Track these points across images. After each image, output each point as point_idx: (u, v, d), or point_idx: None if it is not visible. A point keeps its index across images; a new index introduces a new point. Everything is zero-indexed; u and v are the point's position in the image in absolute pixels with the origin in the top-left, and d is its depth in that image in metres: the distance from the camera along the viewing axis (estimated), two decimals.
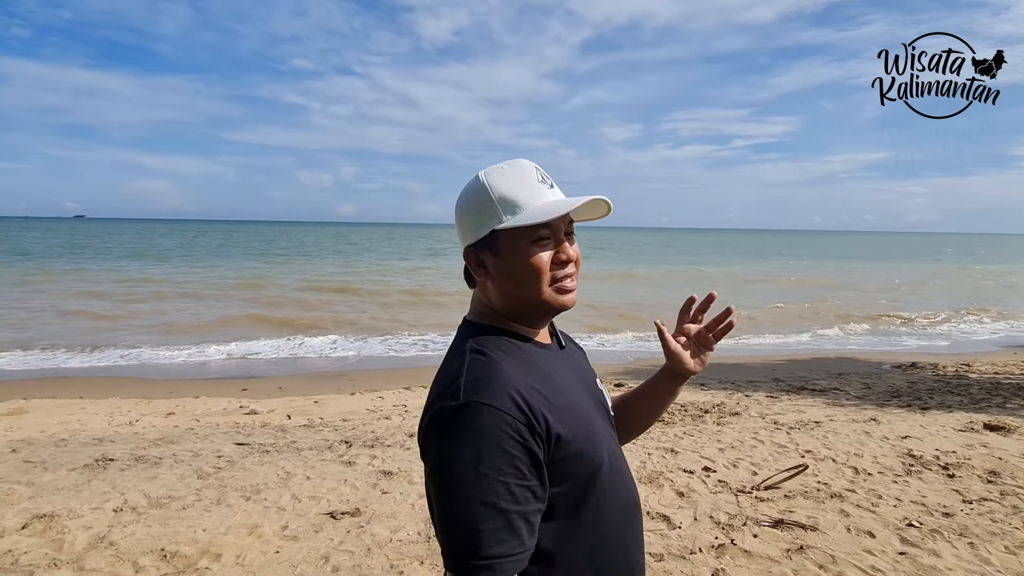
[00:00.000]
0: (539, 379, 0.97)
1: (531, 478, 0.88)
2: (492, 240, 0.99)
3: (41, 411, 6.57)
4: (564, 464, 0.93)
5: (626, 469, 1.09)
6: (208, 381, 8.72)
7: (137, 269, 27.45)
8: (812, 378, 8.60)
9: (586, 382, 1.11)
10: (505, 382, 0.91)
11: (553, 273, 1.00)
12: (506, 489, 0.85)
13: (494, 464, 0.85)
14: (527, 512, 0.87)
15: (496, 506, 0.84)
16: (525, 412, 0.89)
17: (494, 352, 0.97)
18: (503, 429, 0.87)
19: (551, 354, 1.07)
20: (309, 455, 4.75)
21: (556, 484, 0.93)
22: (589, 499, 0.97)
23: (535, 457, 0.89)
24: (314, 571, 2.98)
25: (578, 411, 0.99)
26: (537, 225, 0.96)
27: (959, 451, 4.77)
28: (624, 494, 1.04)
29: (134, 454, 4.76)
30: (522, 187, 0.99)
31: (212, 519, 3.55)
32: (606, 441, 1.02)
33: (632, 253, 53.95)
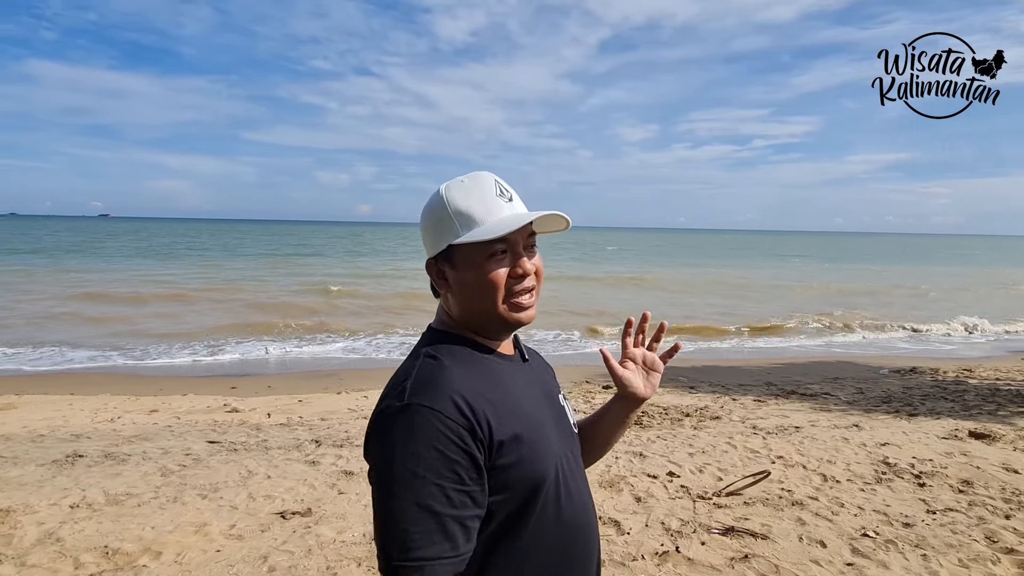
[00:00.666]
0: (491, 387, 0.97)
1: (470, 483, 0.88)
2: (450, 253, 1.00)
3: (30, 407, 6.69)
4: (505, 472, 0.93)
5: (582, 488, 1.07)
6: (198, 379, 8.81)
7: (143, 267, 27.89)
8: (806, 382, 8.46)
9: (546, 395, 1.11)
10: (450, 387, 0.91)
11: (509, 288, 1.00)
12: (442, 492, 0.85)
13: (431, 466, 0.85)
14: (463, 517, 0.87)
15: (431, 508, 0.84)
16: (467, 417, 0.89)
17: (446, 358, 0.98)
18: (443, 432, 0.87)
19: (511, 365, 1.07)
20: (276, 454, 4.77)
21: (496, 492, 0.93)
22: (530, 511, 0.96)
23: (475, 461, 0.88)
24: (250, 571, 2.98)
25: (529, 421, 0.98)
26: (492, 240, 0.97)
27: (936, 459, 4.66)
28: (573, 513, 1.02)
29: (105, 451, 4.81)
30: (479, 201, 0.99)
31: (163, 517, 3.57)
32: (556, 455, 1.01)
33: (643, 254, 53.65)
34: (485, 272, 0.98)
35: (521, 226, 0.97)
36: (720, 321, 14.83)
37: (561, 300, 18.05)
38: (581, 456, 1.17)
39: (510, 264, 1.00)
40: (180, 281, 22.27)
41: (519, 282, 1.00)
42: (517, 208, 1.02)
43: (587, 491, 1.10)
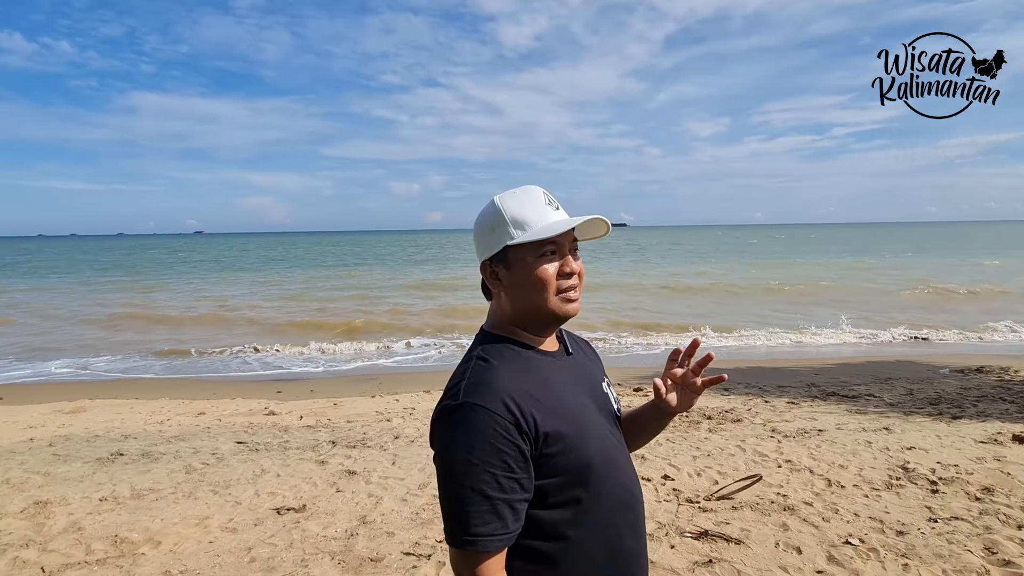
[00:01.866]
0: (534, 383, 1.10)
1: (518, 471, 1.02)
2: (504, 255, 1.14)
3: (98, 410, 7.37)
4: (554, 459, 1.06)
5: (626, 466, 1.21)
6: (251, 383, 9.39)
7: (217, 278, 29.77)
8: (852, 383, 8.02)
9: (589, 385, 1.24)
10: (499, 387, 1.05)
11: (558, 283, 1.13)
12: (493, 479, 1.00)
13: (483, 457, 1.00)
14: (512, 500, 1.01)
15: (483, 492, 0.99)
16: (514, 414, 1.03)
17: (496, 359, 1.12)
18: (493, 428, 1.01)
19: (553, 360, 1.19)
20: (292, 454, 5.07)
21: (549, 476, 1.07)
22: (581, 490, 1.09)
23: (522, 452, 1.03)
24: (233, 561, 3.22)
25: (571, 412, 1.12)
26: (543, 241, 1.11)
27: (963, 465, 4.36)
28: (620, 488, 1.16)
29: (144, 450, 5.27)
30: (531, 209, 1.14)
31: (174, 510, 3.90)
32: (599, 439, 1.14)
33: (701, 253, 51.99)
34: (536, 269, 1.12)
35: (568, 228, 1.12)
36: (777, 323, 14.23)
37: (616, 305, 17.86)
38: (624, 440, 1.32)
39: (558, 263, 1.14)
40: (253, 289, 23.68)
41: (567, 279, 1.14)
42: (563, 215, 1.16)
43: (631, 468, 1.23)
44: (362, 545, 3.36)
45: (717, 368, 1.27)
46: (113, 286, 26.66)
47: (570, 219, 1.14)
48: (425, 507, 3.88)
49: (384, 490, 4.20)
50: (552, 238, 1.11)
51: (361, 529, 3.58)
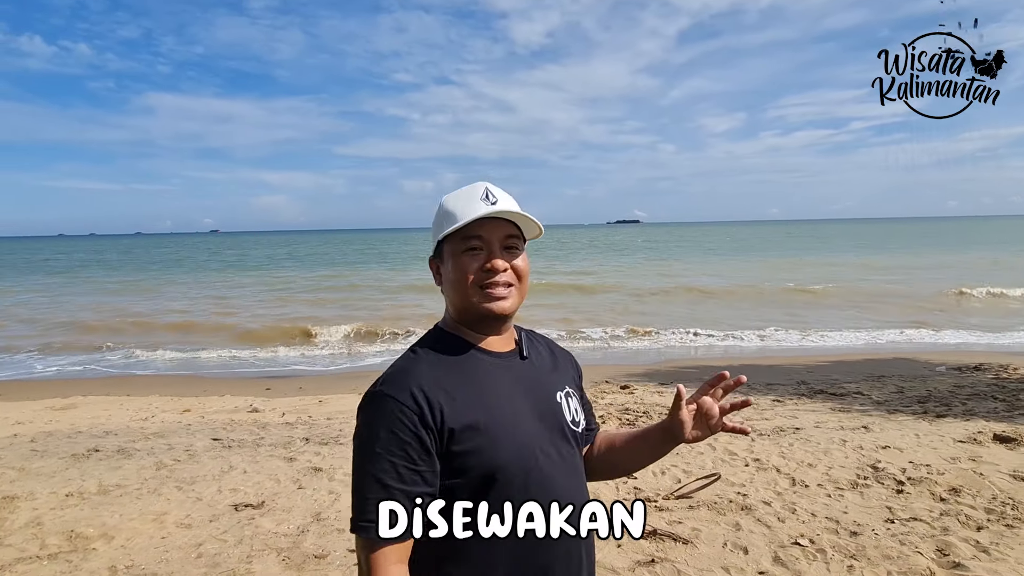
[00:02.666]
0: (457, 379, 1.09)
1: (419, 464, 1.01)
2: (440, 250, 1.16)
3: (88, 407, 7.47)
4: (461, 457, 1.04)
5: (560, 479, 1.12)
6: (241, 380, 9.48)
7: (223, 277, 30.08)
8: (843, 381, 7.91)
9: (534, 391, 1.17)
10: (411, 378, 1.06)
11: (480, 279, 1.10)
12: (393, 468, 1.00)
13: (386, 445, 1.01)
14: (411, 492, 1.00)
15: (382, 481, 1.00)
16: (420, 404, 1.02)
17: (424, 352, 1.13)
18: (398, 417, 1.01)
19: (495, 360, 1.15)
20: (263, 451, 5.10)
21: (455, 476, 1.04)
22: (490, 495, 1.05)
23: (424, 445, 1.01)
24: (180, 556, 3.24)
25: (495, 413, 1.08)
26: (468, 236, 1.10)
27: (936, 464, 4.27)
28: (544, 502, 1.07)
29: (121, 446, 5.33)
30: (463, 203, 1.12)
31: (135, 506, 3.94)
32: (526, 447, 1.08)
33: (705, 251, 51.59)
34: (460, 264, 1.11)
35: (476, 218, 1.08)
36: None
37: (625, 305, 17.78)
38: (600, 459, 1.31)
39: (483, 260, 1.11)
40: (259, 286, 23.90)
41: (490, 275, 1.10)
42: (499, 209, 1.11)
43: (572, 484, 1.14)
44: (310, 542, 3.37)
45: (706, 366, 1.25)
46: (118, 285, 27.04)
47: (487, 210, 1.10)
48: None
49: (345, 487, 4.20)
50: (476, 233, 1.09)
51: (313, 526, 3.59)
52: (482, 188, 1.14)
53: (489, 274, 1.10)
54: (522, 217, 1.14)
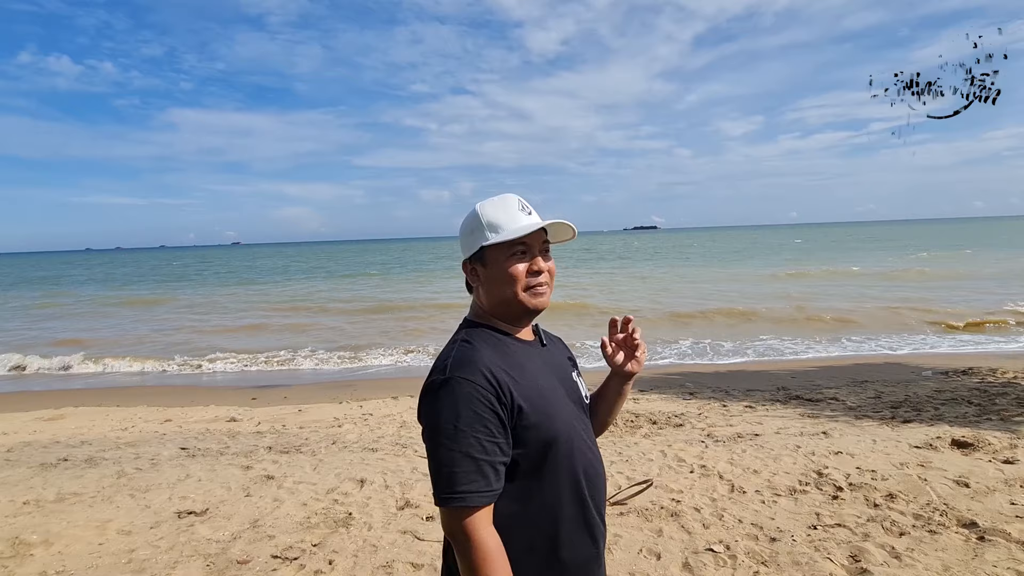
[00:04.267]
0: (511, 364, 1.24)
1: (498, 436, 1.16)
2: (482, 255, 1.29)
3: (76, 417, 7.68)
4: (524, 431, 1.20)
5: (591, 446, 1.34)
6: (230, 390, 9.64)
7: (231, 291, 30.55)
8: (824, 386, 7.82)
9: (560, 373, 1.37)
10: (480, 363, 1.19)
11: (527, 280, 1.27)
12: (478, 442, 1.14)
13: (469, 423, 1.14)
14: (494, 461, 1.15)
15: (469, 454, 1.13)
16: (494, 385, 1.17)
17: (477, 341, 1.26)
18: (477, 397, 1.15)
19: (528, 348, 1.33)
20: (224, 459, 5.21)
21: (517, 447, 1.20)
22: (545, 462, 1.22)
23: (502, 419, 1.17)
24: (110, 562, 3.34)
25: (542, 392, 1.25)
26: (513, 242, 1.26)
27: (882, 470, 4.23)
28: (584, 464, 1.27)
29: (91, 456, 5.48)
30: (504, 214, 1.28)
31: (86, 513, 4.06)
32: (566, 420, 1.27)
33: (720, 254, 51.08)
34: (508, 267, 1.26)
35: (535, 230, 1.26)
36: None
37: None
38: (591, 425, 1.45)
39: (527, 261, 1.28)
40: (269, 298, 24.26)
41: (535, 276, 1.28)
42: (535, 219, 1.30)
43: (595, 448, 1.35)
44: (238, 548, 3.45)
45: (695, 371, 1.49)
46: (125, 295, 27.64)
47: (537, 222, 1.28)
48: (320, 512, 3.95)
49: (291, 495, 4.29)
50: (522, 239, 1.26)
51: (247, 532, 3.67)
52: (515, 200, 1.31)
53: (535, 275, 1.28)
54: (556, 224, 1.32)
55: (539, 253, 1.30)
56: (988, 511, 3.48)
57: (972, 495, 3.73)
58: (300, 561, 3.26)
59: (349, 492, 4.29)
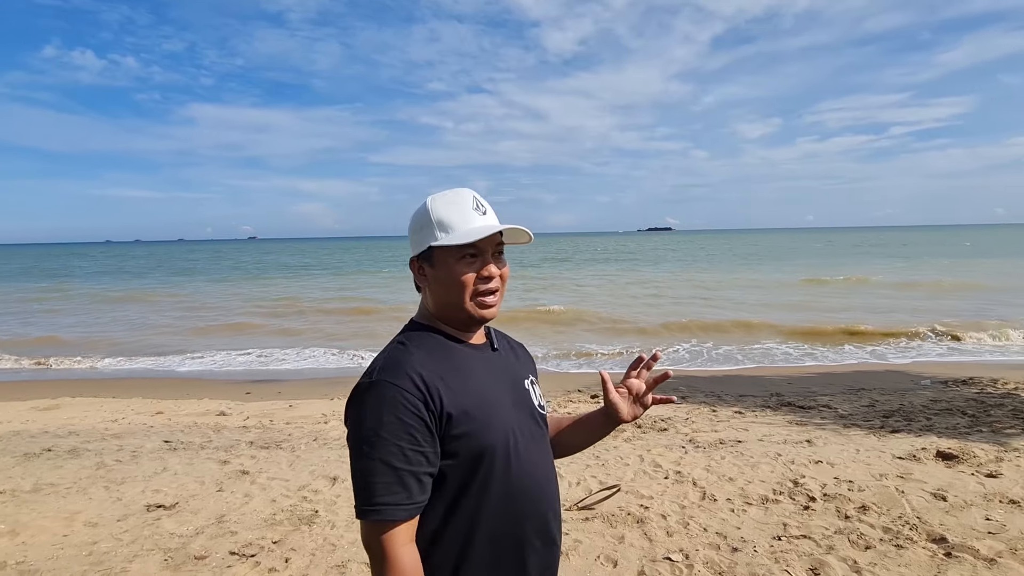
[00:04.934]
0: (447, 368, 1.16)
1: (424, 445, 1.08)
2: (429, 254, 1.20)
3: (70, 408, 7.76)
4: (454, 441, 1.11)
5: (536, 459, 1.23)
6: (225, 384, 9.70)
7: (237, 285, 30.79)
8: (819, 393, 7.70)
9: (509, 380, 1.27)
10: (410, 366, 1.12)
11: (475, 287, 1.18)
12: (400, 451, 1.06)
13: (391, 430, 1.06)
14: (418, 472, 1.07)
15: (390, 464, 1.05)
16: (422, 390, 1.09)
17: (413, 344, 1.19)
18: (402, 402, 1.07)
19: (474, 352, 1.24)
20: (203, 454, 5.24)
21: (447, 457, 1.12)
22: (478, 474, 1.13)
23: (428, 427, 1.08)
24: (71, 554, 3.36)
25: (482, 400, 1.17)
26: (464, 244, 1.16)
27: (860, 481, 4.15)
28: (521, 478, 1.18)
29: (75, 446, 5.53)
30: (457, 213, 1.18)
31: (58, 504, 4.10)
32: (505, 431, 1.17)
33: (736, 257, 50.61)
34: (456, 272, 1.17)
35: (488, 235, 1.16)
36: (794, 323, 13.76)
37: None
38: (551, 442, 1.36)
39: (478, 268, 1.18)
40: (277, 294, 24.46)
41: (484, 283, 1.18)
42: (489, 220, 1.20)
43: (543, 461, 1.26)
44: (199, 543, 3.46)
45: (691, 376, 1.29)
46: (133, 287, 27.99)
47: (491, 225, 1.18)
48: (287, 508, 3.95)
49: (262, 491, 4.30)
50: (474, 242, 1.16)
51: (211, 528, 3.68)
52: (470, 196, 1.20)
53: (484, 281, 1.18)
54: (519, 228, 1.20)
55: (491, 258, 1.20)
56: (961, 526, 3.40)
57: (947, 509, 3.64)
58: (256, 558, 3.26)
59: (319, 490, 4.29)
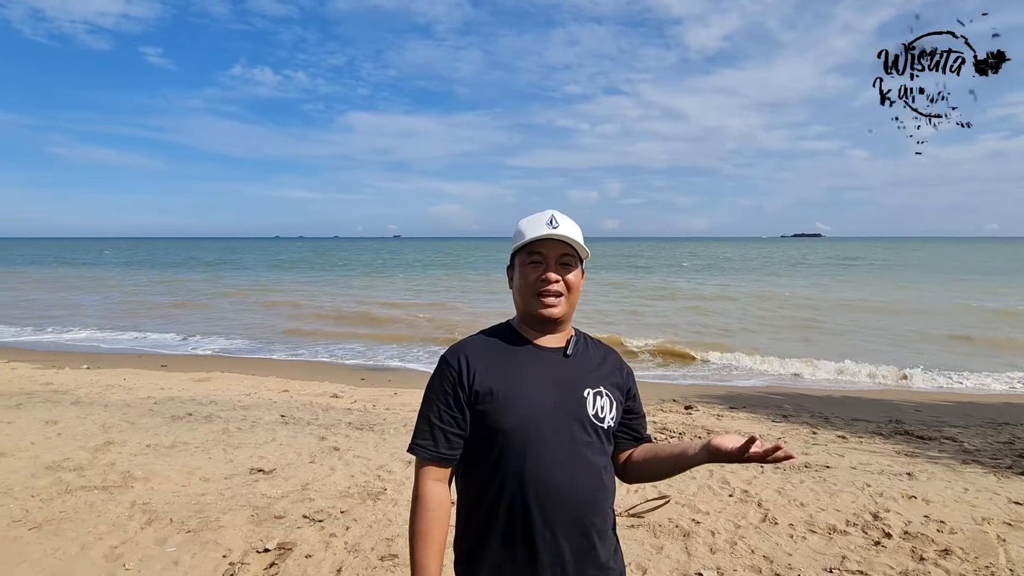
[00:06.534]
0: (496, 359, 1.38)
1: (455, 411, 1.34)
2: (513, 261, 1.45)
3: (219, 380, 8.99)
4: (478, 416, 1.34)
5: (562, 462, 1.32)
6: (346, 370, 10.64)
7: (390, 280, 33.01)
8: (948, 424, 6.86)
9: (564, 384, 1.37)
10: (464, 348, 1.40)
11: (536, 287, 1.37)
12: (437, 410, 1.36)
13: (435, 392, 1.37)
14: (447, 430, 1.34)
15: (428, 417, 1.37)
16: (461, 368, 1.35)
17: (484, 334, 1.45)
18: (445, 373, 1.37)
19: (537, 352, 1.40)
20: (308, 429, 5.88)
21: (473, 428, 1.35)
22: (489, 455, 1.33)
23: (458, 398, 1.34)
24: (184, 501, 4.00)
25: (516, 391, 1.34)
26: (532, 251, 1.38)
27: (955, 523, 3.74)
28: (539, 475, 1.29)
29: (211, 413, 6.45)
30: (531, 225, 1.39)
31: (184, 460, 4.85)
32: (529, 422, 1.31)
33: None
34: (523, 273, 1.39)
35: (541, 237, 1.34)
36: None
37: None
38: (640, 465, 1.48)
39: (541, 272, 1.37)
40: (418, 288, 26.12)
41: (544, 285, 1.36)
42: (559, 232, 1.35)
43: (576, 465, 1.33)
44: (281, 505, 3.95)
45: (801, 393, 1.32)
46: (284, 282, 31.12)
47: (548, 231, 1.35)
48: (362, 484, 4.37)
49: (346, 466, 4.77)
50: (539, 250, 1.36)
51: (294, 493, 4.18)
52: (549, 214, 1.39)
53: (544, 283, 1.36)
54: (576, 240, 1.37)
55: (555, 265, 1.36)
56: None
57: None
58: (323, 524, 3.67)
59: (394, 471, 4.67)
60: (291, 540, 3.43)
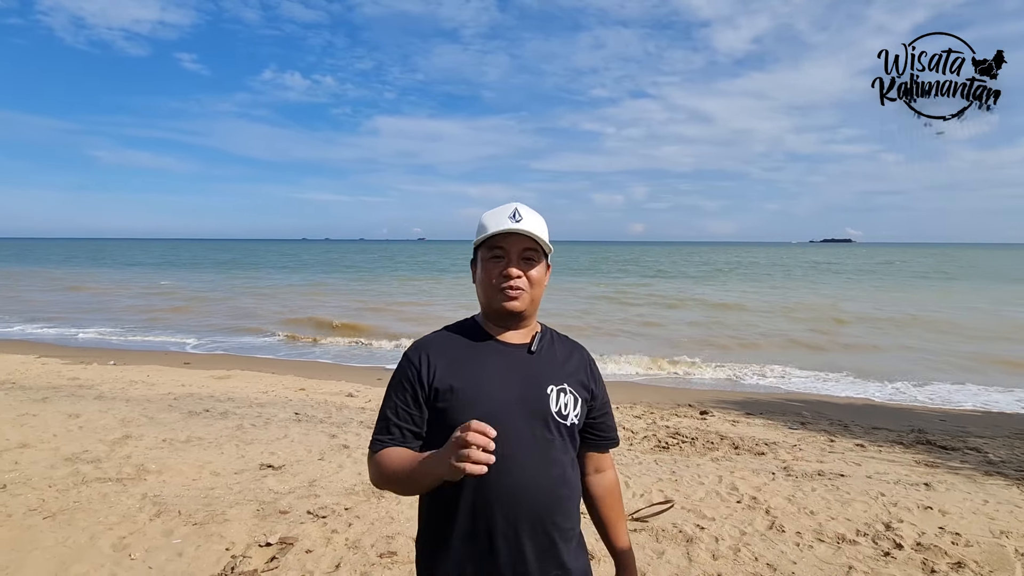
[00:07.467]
0: (459, 353, 1.37)
1: (412, 408, 1.34)
2: (475, 256, 1.43)
3: (237, 378, 9.14)
4: (439, 413, 1.32)
5: (522, 460, 1.30)
6: (364, 369, 10.74)
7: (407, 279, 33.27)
8: (974, 434, 6.64)
9: (526, 380, 1.36)
10: (425, 345, 1.39)
11: (498, 282, 1.35)
12: (394, 407, 1.36)
13: (395, 389, 1.38)
14: (403, 426, 1.34)
15: (385, 414, 1.37)
16: (420, 364, 1.35)
17: (448, 330, 1.44)
18: (406, 370, 1.37)
19: (499, 348, 1.39)
20: (319, 427, 5.94)
21: (432, 425, 1.34)
22: None
23: (416, 395, 1.34)
24: (193, 494, 4.07)
25: (479, 388, 1.32)
26: (494, 246, 1.35)
27: (970, 535, 3.63)
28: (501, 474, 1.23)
29: (227, 410, 6.56)
30: (493, 218, 1.37)
31: (197, 454, 4.94)
32: (491, 417, 1.19)
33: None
34: (485, 268, 1.37)
35: (502, 231, 1.32)
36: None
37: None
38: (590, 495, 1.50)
39: (503, 267, 1.35)
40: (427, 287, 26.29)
41: (505, 280, 1.34)
42: (522, 227, 1.33)
43: (536, 463, 1.31)
44: (287, 501, 4.00)
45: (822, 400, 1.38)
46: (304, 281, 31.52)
47: (508, 225, 1.33)
48: (367, 482, 4.39)
49: (354, 464, 4.81)
50: (500, 244, 1.34)
51: (301, 489, 4.23)
52: (512, 207, 1.36)
53: (505, 279, 1.33)
54: (539, 235, 1.35)
55: (517, 260, 1.33)
56: None
57: None
58: (326, 520, 3.70)
59: None
60: (293, 535, 3.47)
